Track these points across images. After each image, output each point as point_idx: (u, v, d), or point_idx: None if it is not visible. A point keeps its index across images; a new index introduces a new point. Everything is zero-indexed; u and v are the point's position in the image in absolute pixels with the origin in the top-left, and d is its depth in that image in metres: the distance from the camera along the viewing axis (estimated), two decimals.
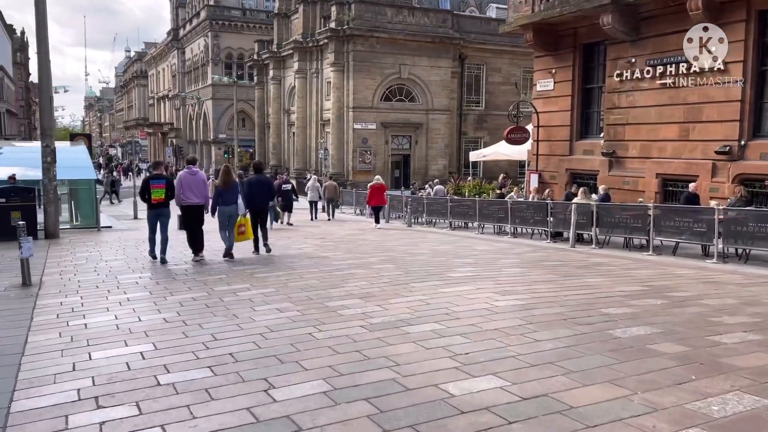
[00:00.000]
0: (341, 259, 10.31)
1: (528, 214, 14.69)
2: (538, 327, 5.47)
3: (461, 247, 12.45)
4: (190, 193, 10.25)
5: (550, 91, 19.88)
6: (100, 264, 10.41)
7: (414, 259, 10.28)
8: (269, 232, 12.13)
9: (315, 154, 38.95)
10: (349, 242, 13.51)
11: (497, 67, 38.96)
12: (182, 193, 10.24)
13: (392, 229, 18.05)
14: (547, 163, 20.15)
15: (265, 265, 9.84)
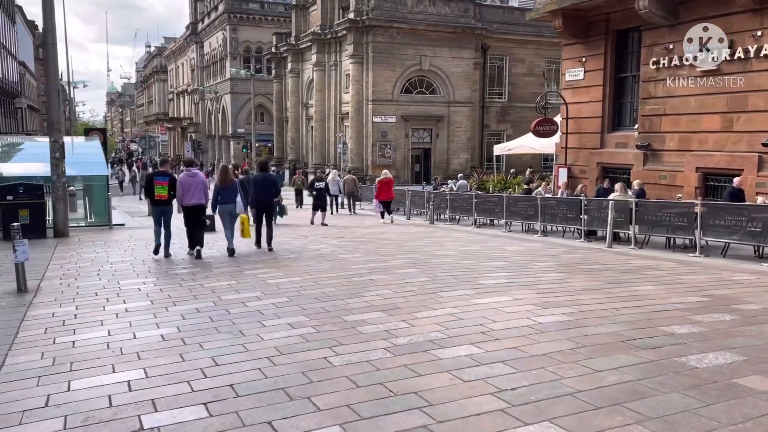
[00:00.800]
0: (361, 262, 9.54)
1: (559, 211, 13.78)
2: (593, 352, 4.64)
3: (490, 248, 11.60)
4: (190, 194, 10.50)
5: (579, 81, 18.86)
6: (105, 267, 9.78)
7: (440, 263, 9.47)
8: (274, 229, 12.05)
9: (334, 148, 38.24)
10: (369, 242, 12.73)
11: (521, 58, 37.84)
12: (183, 195, 10.53)
13: (414, 225, 17.25)
14: (576, 156, 19.16)
15: (278, 268, 9.11)
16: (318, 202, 17.62)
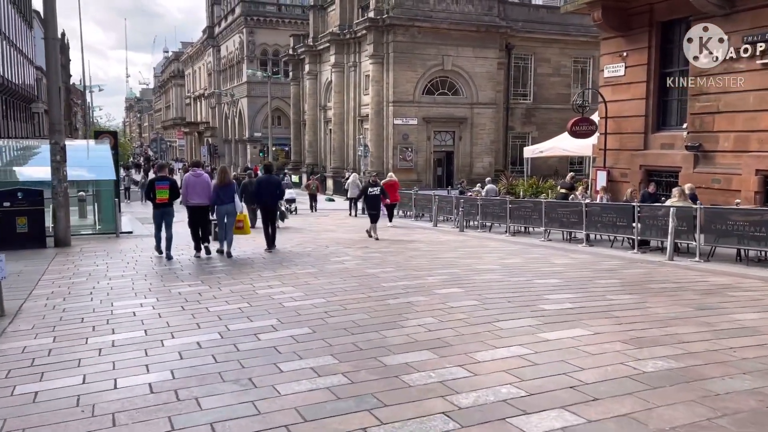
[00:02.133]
0: (393, 279, 8.26)
1: (607, 218, 12.39)
2: (739, 426, 3.31)
3: (535, 261, 10.27)
4: (194, 194, 10.87)
5: (620, 77, 17.45)
6: (101, 283, 8.63)
7: (485, 280, 8.17)
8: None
9: (353, 151, 37.07)
10: (397, 252, 11.46)
11: (546, 58, 36.41)
12: (187, 194, 10.89)
13: (442, 233, 15.95)
14: (616, 158, 17.74)
15: (297, 287, 7.88)
16: (372, 212, 14.49)
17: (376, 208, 14.53)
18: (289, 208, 23.03)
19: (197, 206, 10.92)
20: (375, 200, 14.62)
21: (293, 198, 23.79)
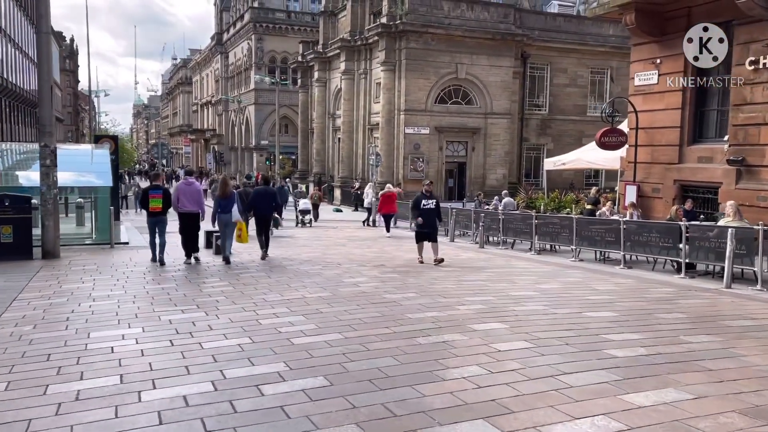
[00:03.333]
0: (418, 308, 7.11)
1: (649, 237, 11.22)
2: None
3: (574, 286, 9.10)
4: (186, 201, 11.24)
5: (652, 86, 16.30)
6: (83, 305, 7.52)
7: (526, 312, 7.00)
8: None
9: (362, 161, 36.00)
10: (417, 273, 10.30)
11: (562, 68, 35.34)
12: (179, 201, 11.25)
13: (461, 249, 14.78)
14: (647, 172, 16.56)
15: (307, 316, 6.74)
16: (424, 230, 11.85)
17: (431, 225, 11.92)
18: (303, 219, 21.84)
19: (188, 213, 11.28)
20: (430, 216, 11.93)
21: (308, 209, 22.38)
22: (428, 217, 11.87)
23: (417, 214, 12.08)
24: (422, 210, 11.94)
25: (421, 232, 11.96)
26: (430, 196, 12.16)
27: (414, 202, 12.41)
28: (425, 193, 12.20)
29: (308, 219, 21.96)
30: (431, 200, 12.05)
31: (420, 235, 12.02)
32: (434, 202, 12.07)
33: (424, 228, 11.88)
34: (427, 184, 12.56)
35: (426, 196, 12.08)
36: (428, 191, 12.27)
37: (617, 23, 38.00)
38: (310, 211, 22.38)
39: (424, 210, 11.93)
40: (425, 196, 12.11)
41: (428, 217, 11.87)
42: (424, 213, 11.91)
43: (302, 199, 23.27)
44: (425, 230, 11.88)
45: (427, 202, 11.97)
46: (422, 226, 11.90)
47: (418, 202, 12.10)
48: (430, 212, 11.94)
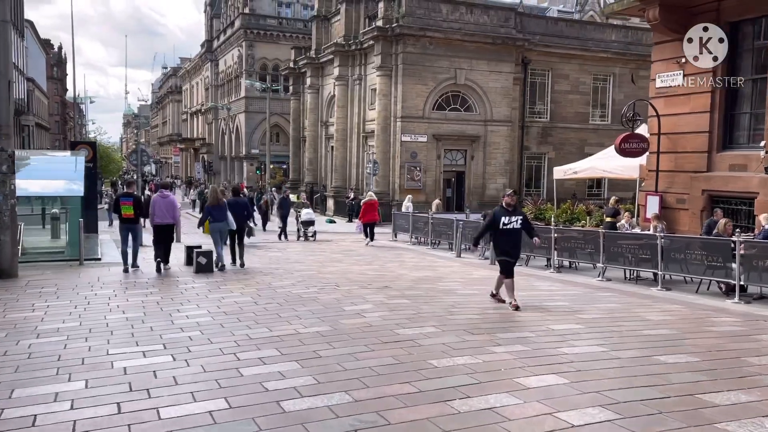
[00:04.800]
0: (442, 350, 5.64)
1: (694, 255, 9.81)
2: None
3: (620, 315, 7.67)
4: (160, 213, 11.44)
5: (676, 88, 14.98)
6: (21, 344, 6.03)
7: (582, 356, 5.53)
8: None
9: (356, 169, 34.56)
10: (429, 297, 8.84)
11: (564, 74, 34.11)
12: (154, 213, 11.47)
13: (471, 266, 13.33)
14: (671, 181, 15.21)
15: (303, 363, 5.27)
16: (508, 258, 8.44)
17: (513, 254, 8.53)
18: (306, 232, 19.49)
19: (162, 225, 11.51)
20: (513, 238, 8.50)
21: (311, 220, 19.91)
22: (511, 240, 8.41)
23: (494, 238, 8.60)
24: (502, 231, 8.31)
25: (504, 260, 8.40)
26: (513, 211, 8.55)
27: (489, 221, 8.67)
28: (506, 206, 8.48)
29: (312, 231, 19.59)
30: (515, 217, 8.44)
31: (504, 265, 8.40)
32: (519, 220, 8.46)
33: (505, 254, 8.42)
34: (509, 195, 8.71)
35: (507, 211, 8.44)
36: (511, 204, 8.54)
37: (620, 28, 37.12)
38: (313, 223, 19.96)
39: (505, 231, 8.31)
40: (506, 211, 8.44)
41: (511, 241, 8.41)
42: (505, 237, 8.35)
43: (304, 210, 20.62)
44: (508, 258, 8.40)
45: (510, 219, 8.36)
46: (503, 251, 8.44)
47: (495, 219, 8.40)
48: (513, 234, 8.41)
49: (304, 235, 19.47)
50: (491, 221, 8.55)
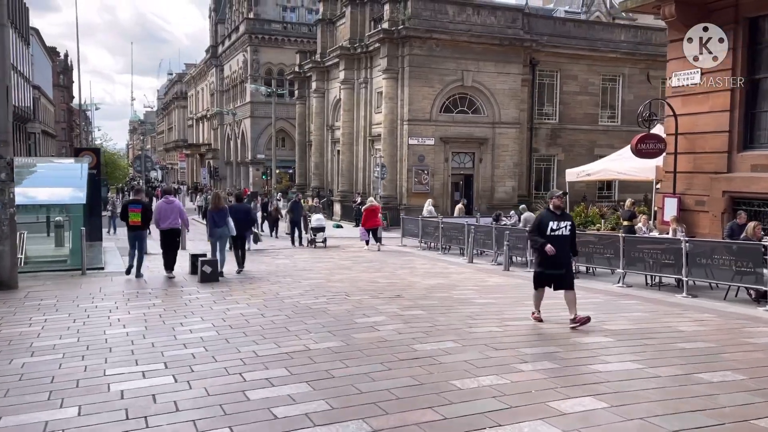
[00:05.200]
0: (465, 369, 5.21)
1: (722, 260, 9.35)
2: None
3: (651, 326, 7.22)
4: (166, 219, 11.63)
5: (694, 86, 14.52)
6: (14, 363, 5.70)
7: (617, 373, 5.09)
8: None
9: (363, 173, 34.17)
10: (445, 308, 8.41)
11: (573, 75, 33.66)
12: (159, 219, 11.66)
13: (484, 272, 12.88)
14: (689, 183, 14.74)
15: (312, 383, 4.85)
16: (553, 270, 7.42)
17: (563, 263, 7.39)
18: (315, 238, 18.81)
19: (169, 230, 11.70)
20: (563, 247, 7.33)
21: (322, 226, 19.28)
22: (560, 249, 7.24)
23: (540, 244, 7.32)
24: (550, 238, 7.27)
25: (548, 273, 7.41)
26: (561, 215, 7.49)
27: (535, 226, 7.58)
28: (554, 210, 7.49)
29: (322, 238, 18.94)
30: (564, 222, 7.40)
31: (543, 278, 7.50)
32: (568, 226, 7.44)
33: (552, 267, 7.32)
34: (557, 196, 7.61)
35: (555, 215, 7.43)
36: (559, 207, 7.50)
37: (628, 28, 36.63)
38: (324, 229, 19.29)
39: (554, 238, 7.27)
40: (554, 215, 7.45)
41: (560, 250, 7.24)
42: (554, 243, 7.24)
43: (315, 215, 19.89)
44: (555, 271, 7.33)
45: (558, 224, 7.34)
46: (549, 263, 7.30)
47: (542, 225, 7.40)
48: (561, 242, 7.30)
49: (313, 241, 18.85)
50: (537, 227, 7.51)
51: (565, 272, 7.40)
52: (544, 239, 7.27)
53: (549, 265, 7.34)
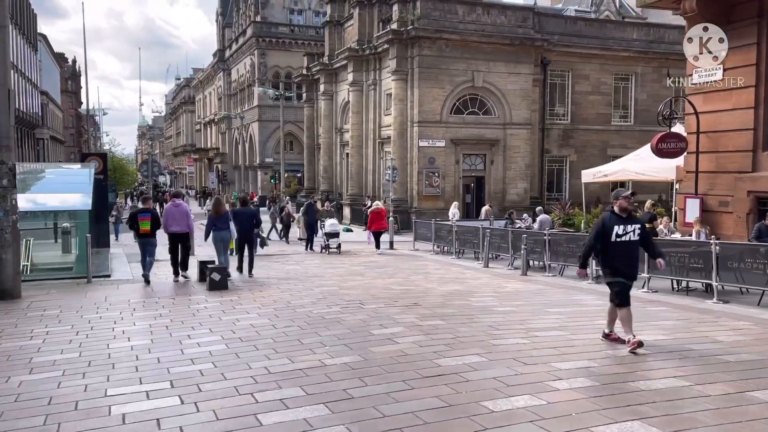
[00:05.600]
0: (495, 387, 4.79)
1: (755, 264, 8.89)
2: None
3: (686, 335, 6.79)
4: (174, 223, 11.79)
5: (716, 83, 14.05)
6: (12, 381, 5.35)
7: (663, 390, 4.67)
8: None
9: (372, 176, 33.80)
10: (465, 316, 8.00)
11: (584, 74, 33.14)
12: (167, 222, 11.81)
13: (501, 277, 12.44)
14: (712, 183, 14.28)
15: (330, 405, 4.50)
16: (626, 281, 6.40)
17: (632, 275, 6.49)
18: (329, 244, 17.77)
19: (176, 233, 11.84)
20: (631, 253, 6.38)
21: (336, 231, 18.39)
22: (628, 257, 6.31)
23: (608, 253, 6.32)
24: (616, 245, 6.24)
25: (625, 284, 6.31)
26: (628, 218, 6.39)
27: (597, 231, 6.42)
28: (620, 212, 6.38)
29: (336, 244, 17.94)
30: (632, 225, 6.33)
31: (625, 289, 6.31)
32: (637, 230, 6.32)
33: (620, 275, 6.30)
34: (624, 196, 6.42)
35: (621, 219, 6.34)
36: (626, 209, 6.39)
37: (641, 26, 36.06)
38: (338, 234, 18.39)
39: (620, 245, 6.25)
40: (619, 218, 6.35)
41: (628, 258, 6.31)
42: (620, 252, 6.25)
43: (329, 220, 18.99)
44: (627, 281, 6.34)
45: (625, 229, 6.27)
46: (618, 272, 6.28)
47: (605, 229, 6.30)
48: (630, 249, 6.30)
49: (327, 247, 17.91)
50: (599, 232, 6.36)
51: (631, 284, 6.47)
52: (610, 248, 6.23)
53: (619, 273, 6.25)
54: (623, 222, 6.30)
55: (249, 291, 10.54)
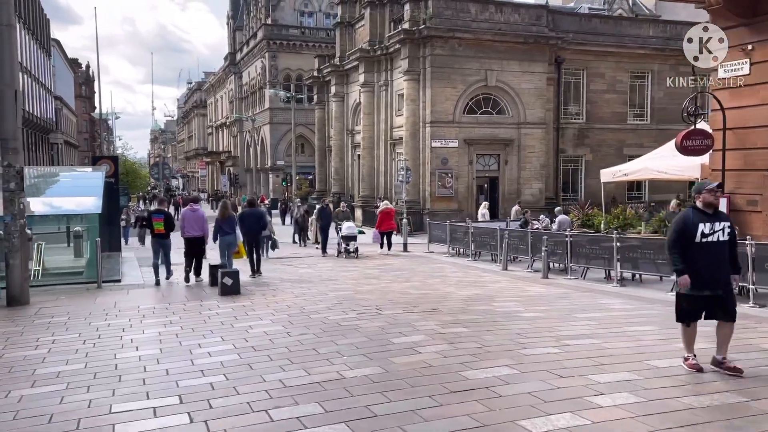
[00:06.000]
0: (530, 403, 4.43)
1: None
2: None
3: (731, 347, 6.32)
4: (190, 227, 12.01)
5: (743, 78, 13.54)
6: (12, 395, 5.01)
7: (707, 408, 4.26)
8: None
9: (384, 178, 33.46)
10: (489, 322, 7.60)
11: (600, 72, 32.62)
12: (184, 227, 12.07)
13: (521, 280, 12.01)
14: (739, 182, 13.74)
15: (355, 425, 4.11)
16: (707, 292, 5.37)
17: (721, 280, 5.38)
18: (347, 248, 17.01)
19: (193, 237, 12.07)
20: (718, 256, 5.35)
21: (354, 234, 17.45)
22: (715, 260, 5.31)
23: (689, 257, 5.34)
24: (702, 246, 5.31)
25: (700, 297, 5.35)
26: (714, 214, 5.44)
27: (678, 231, 5.43)
28: (704, 207, 5.43)
29: (354, 248, 17.09)
30: (721, 224, 5.38)
31: (695, 303, 5.43)
32: (726, 228, 5.39)
33: (705, 285, 5.29)
34: (708, 189, 5.46)
35: (706, 216, 5.38)
36: (711, 204, 5.44)
37: (657, 23, 35.45)
38: (355, 237, 17.47)
39: (706, 247, 5.31)
40: (704, 215, 5.39)
41: (715, 262, 5.30)
42: (706, 255, 5.29)
43: (346, 222, 18.01)
44: (710, 291, 5.32)
45: (712, 227, 5.32)
46: (701, 279, 5.28)
47: (687, 228, 5.36)
48: (717, 251, 5.33)
49: (345, 251, 17.14)
50: (680, 229, 5.37)
51: (723, 293, 5.29)
52: (691, 251, 5.25)
53: (701, 282, 5.23)
54: (709, 219, 5.30)
55: (262, 296, 10.21)
